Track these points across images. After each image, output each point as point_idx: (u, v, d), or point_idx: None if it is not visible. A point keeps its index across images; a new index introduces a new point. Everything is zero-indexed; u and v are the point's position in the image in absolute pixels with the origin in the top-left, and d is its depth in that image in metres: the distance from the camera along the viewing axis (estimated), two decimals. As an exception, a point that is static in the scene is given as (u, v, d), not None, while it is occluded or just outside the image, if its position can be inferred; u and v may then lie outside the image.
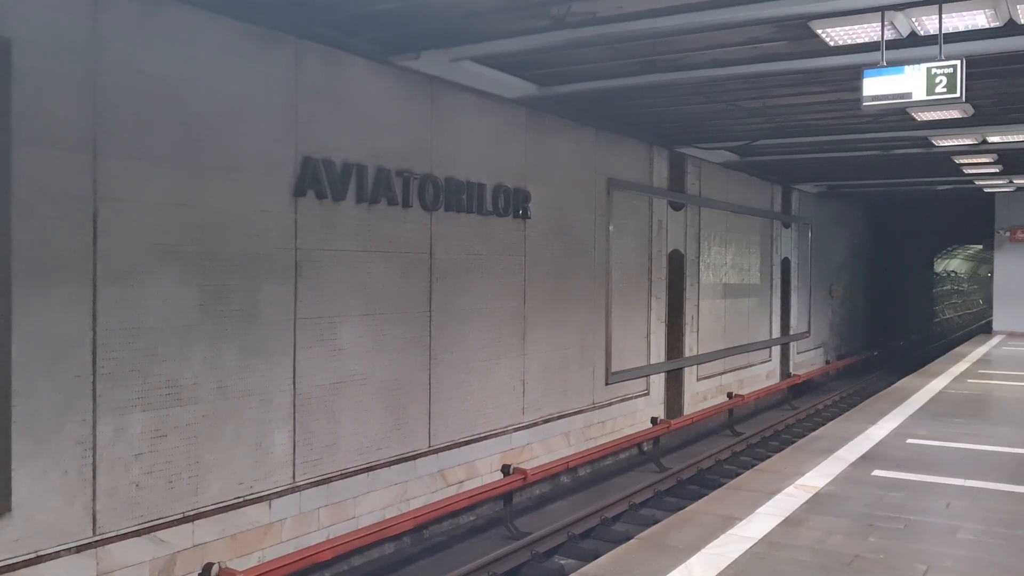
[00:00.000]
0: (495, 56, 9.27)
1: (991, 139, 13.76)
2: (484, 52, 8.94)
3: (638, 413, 14.59)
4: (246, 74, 7.82)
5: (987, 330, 23.95)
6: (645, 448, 14.54)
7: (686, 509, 6.41)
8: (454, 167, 10.19)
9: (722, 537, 5.66)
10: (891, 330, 30.59)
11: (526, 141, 11.57)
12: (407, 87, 9.51)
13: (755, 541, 5.60)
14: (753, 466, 8.45)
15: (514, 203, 11.22)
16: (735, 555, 5.33)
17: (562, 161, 12.38)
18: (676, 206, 15.78)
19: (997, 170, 17.61)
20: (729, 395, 17.70)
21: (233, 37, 7.68)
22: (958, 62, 7.67)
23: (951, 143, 14.34)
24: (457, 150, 10.26)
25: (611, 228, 13.50)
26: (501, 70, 10.04)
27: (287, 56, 8.19)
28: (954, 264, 55.00)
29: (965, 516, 6.25)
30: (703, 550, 5.40)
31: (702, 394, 17.17)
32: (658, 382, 15.36)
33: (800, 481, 7.12)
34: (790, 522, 6.03)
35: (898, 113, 11.26)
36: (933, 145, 14.50)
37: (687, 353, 16.38)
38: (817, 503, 6.53)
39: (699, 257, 16.80)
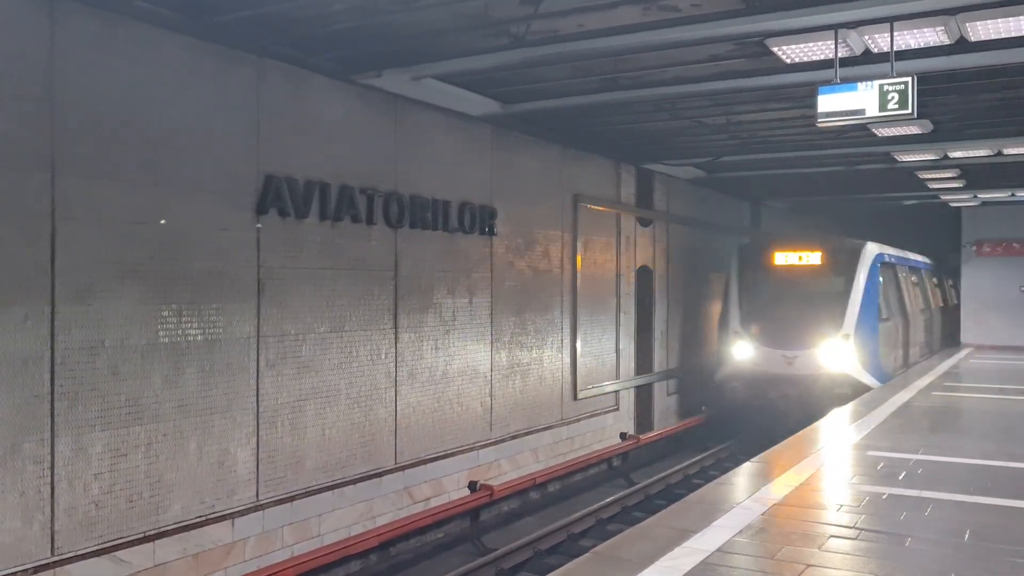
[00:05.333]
0: (457, 74, 9.35)
1: (952, 154, 13.99)
2: (446, 70, 9.03)
3: (607, 429, 14.64)
4: (207, 92, 7.85)
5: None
6: (615, 463, 14.58)
7: (642, 523, 6.45)
8: (419, 184, 10.24)
9: (677, 550, 5.70)
10: None
11: (492, 158, 11.65)
12: (370, 105, 9.56)
13: (709, 553, 5.65)
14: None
15: (480, 220, 11.29)
16: (689, 567, 5.38)
17: (529, 178, 12.47)
18: (644, 222, 15.91)
19: (960, 185, 17.89)
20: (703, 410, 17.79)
21: (193, 55, 7.71)
22: (909, 79, 7.83)
23: (913, 159, 14.58)
24: (422, 167, 10.32)
25: (579, 244, 13.59)
26: (464, 88, 10.13)
27: (248, 74, 8.22)
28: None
29: (915, 526, 6.34)
30: (657, 562, 5.44)
31: (673, 409, 17.26)
32: (627, 397, 15.42)
33: (758, 494, 7.18)
34: (745, 534, 6.08)
35: (860, 129, 11.45)
36: (896, 160, 14.72)
37: (656, 368, 16.47)
38: (774, 515, 6.59)
39: (668, 273, 16.92)
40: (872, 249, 16.16)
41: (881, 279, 16.40)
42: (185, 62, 7.64)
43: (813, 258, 16.04)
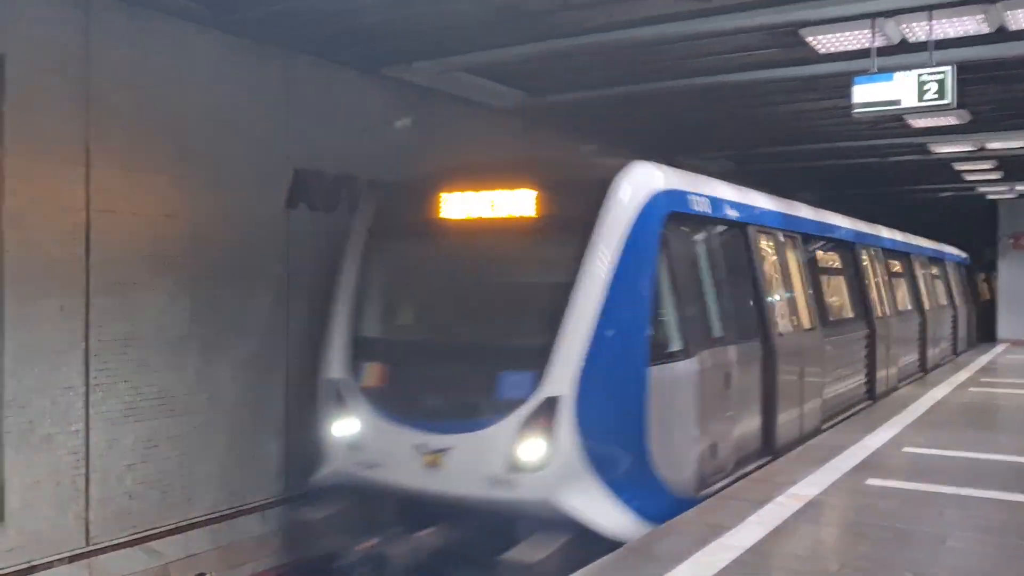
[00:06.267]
0: (486, 66, 9.32)
1: (990, 145, 13.76)
2: (475, 62, 9.00)
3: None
4: (238, 87, 7.86)
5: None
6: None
7: (674, 519, 6.38)
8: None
9: (710, 546, 5.63)
10: None
11: (521, 150, 11.59)
12: (399, 98, 9.53)
13: (743, 550, 5.57)
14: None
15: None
16: (722, 564, 5.31)
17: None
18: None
19: (998, 176, 17.58)
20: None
21: (225, 50, 7.72)
22: (949, 68, 7.68)
23: (949, 150, 14.34)
24: (452, 159, 10.26)
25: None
26: (492, 80, 10.08)
27: (278, 69, 8.22)
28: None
29: (955, 525, 6.21)
30: (690, 559, 5.38)
31: None
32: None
33: (791, 490, 7.08)
34: (779, 531, 5.99)
35: (894, 120, 11.27)
36: (931, 152, 14.48)
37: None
38: (807, 512, 6.49)
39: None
40: (648, 179, 7.04)
41: (704, 249, 7.83)
42: (216, 57, 7.66)
43: (512, 203, 7.07)
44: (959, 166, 16.25)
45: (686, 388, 6.92)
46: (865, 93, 7.90)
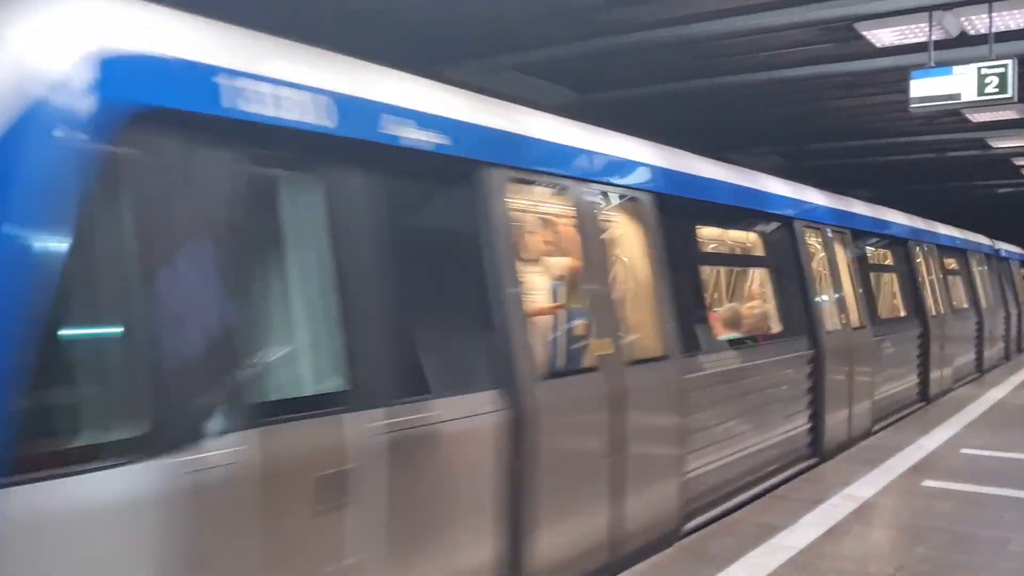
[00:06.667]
0: (535, 64, 9.33)
1: (1051, 140, 13.42)
2: (524, 60, 9.03)
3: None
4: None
5: None
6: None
7: (727, 518, 6.33)
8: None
9: (763, 546, 5.58)
10: None
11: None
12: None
13: (797, 551, 5.51)
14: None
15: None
16: (776, 564, 5.26)
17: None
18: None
19: (1059, 172, 17.16)
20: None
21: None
22: (1010, 61, 7.51)
23: (1009, 144, 14.02)
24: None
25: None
26: (542, 78, 10.09)
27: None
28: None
29: (1018, 528, 6.07)
30: (743, 559, 5.34)
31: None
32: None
33: (846, 491, 6.99)
34: (834, 532, 5.92)
35: (951, 114, 11.05)
36: (990, 147, 14.17)
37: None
38: (862, 513, 6.40)
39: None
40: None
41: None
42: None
43: None
44: (1019, 161, 15.87)
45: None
46: (923, 87, 7.74)
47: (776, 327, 8.07)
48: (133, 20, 3.02)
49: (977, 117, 11.64)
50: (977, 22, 7.65)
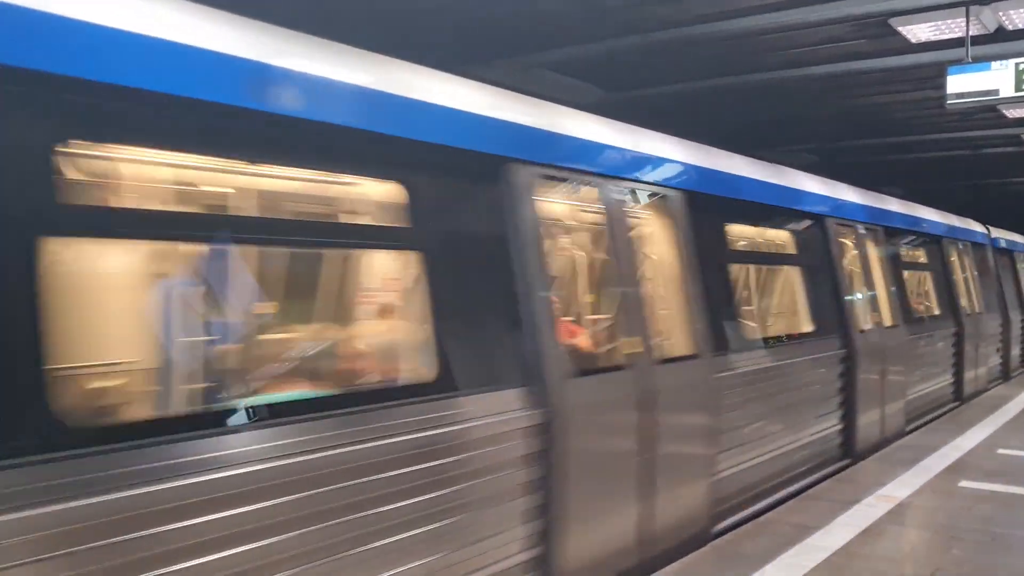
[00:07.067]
0: (565, 63, 9.31)
1: (1090, 137, 13.20)
2: (554, 59, 9.01)
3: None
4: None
5: None
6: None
7: (760, 518, 6.29)
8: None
9: (798, 547, 5.54)
10: None
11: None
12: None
13: (832, 551, 5.47)
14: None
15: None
16: (811, 565, 5.22)
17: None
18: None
19: (1097, 169, 16.86)
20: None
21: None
22: (1049, 57, 7.40)
23: (1046, 141, 13.80)
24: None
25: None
26: (572, 76, 10.07)
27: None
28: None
29: (1058, 530, 5.99)
30: (777, 559, 5.30)
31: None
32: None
33: (881, 491, 6.92)
34: (869, 533, 5.86)
35: (987, 111, 10.91)
36: (1026, 143, 13.98)
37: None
38: (898, 514, 6.33)
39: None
40: None
41: None
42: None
43: None
44: (1056, 158, 15.64)
45: None
46: (960, 83, 7.65)
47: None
48: None
49: (1013, 113, 11.47)
50: (1016, 16, 7.54)
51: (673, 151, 6.18)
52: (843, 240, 8.72)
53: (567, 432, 4.55)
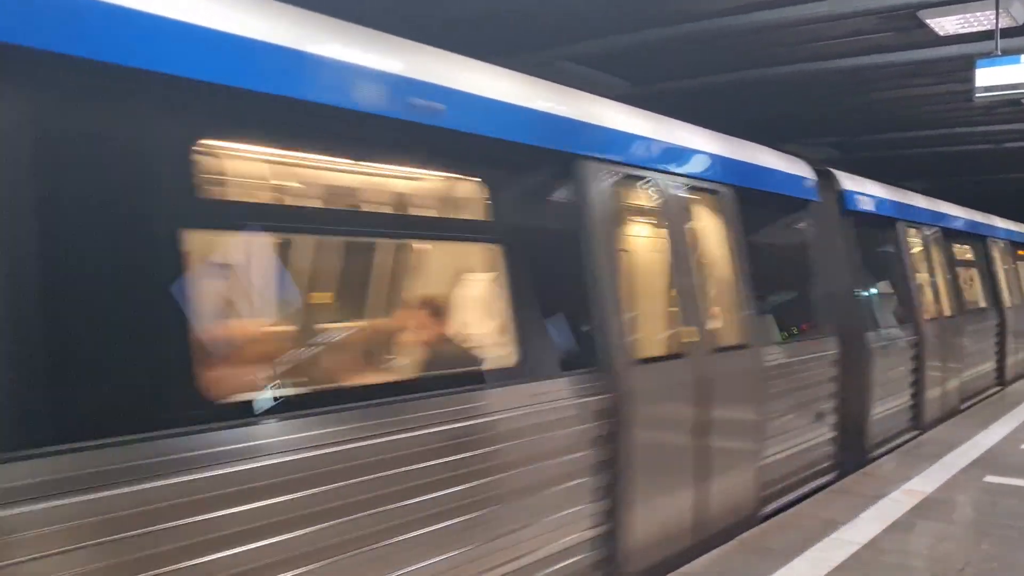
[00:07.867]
0: (591, 56, 9.28)
1: (1117, 131, 13.08)
2: (580, 52, 8.98)
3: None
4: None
5: None
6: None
7: (787, 512, 6.29)
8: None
9: (825, 541, 5.54)
10: None
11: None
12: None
13: (860, 545, 5.46)
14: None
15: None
16: (840, 559, 5.22)
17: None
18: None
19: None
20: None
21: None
22: (1080, 50, 7.33)
23: (1072, 135, 13.69)
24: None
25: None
26: (597, 69, 10.04)
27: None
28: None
29: (1086, 526, 5.96)
30: (806, 553, 5.30)
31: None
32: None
33: (906, 486, 6.90)
34: (896, 527, 5.85)
35: (1011, 104, 10.80)
36: (1051, 138, 13.86)
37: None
38: (925, 509, 6.31)
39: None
40: None
41: None
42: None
43: None
44: (1081, 152, 15.49)
45: None
46: (989, 77, 7.59)
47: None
48: None
49: (1038, 107, 11.37)
50: (1046, 9, 7.47)
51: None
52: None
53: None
